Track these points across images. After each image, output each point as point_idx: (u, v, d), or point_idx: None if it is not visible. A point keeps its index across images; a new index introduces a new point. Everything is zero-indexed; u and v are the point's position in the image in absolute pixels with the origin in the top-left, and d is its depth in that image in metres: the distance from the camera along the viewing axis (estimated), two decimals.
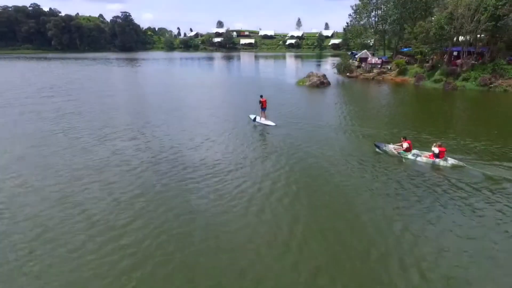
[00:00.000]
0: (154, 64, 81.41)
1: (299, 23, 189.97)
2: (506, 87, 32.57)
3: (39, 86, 37.09)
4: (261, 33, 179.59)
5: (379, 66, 46.75)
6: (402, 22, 45.16)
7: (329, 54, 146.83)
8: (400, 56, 46.94)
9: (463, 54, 35.54)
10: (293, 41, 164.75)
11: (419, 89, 36.62)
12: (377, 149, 15.02)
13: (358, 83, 42.51)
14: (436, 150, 13.31)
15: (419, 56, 42.45)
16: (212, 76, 55.38)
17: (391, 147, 14.67)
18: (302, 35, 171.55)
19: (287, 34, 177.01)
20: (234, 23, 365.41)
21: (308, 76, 39.48)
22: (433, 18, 36.37)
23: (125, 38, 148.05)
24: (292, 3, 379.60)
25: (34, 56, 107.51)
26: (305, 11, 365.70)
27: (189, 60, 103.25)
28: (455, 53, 38.37)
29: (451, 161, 13.29)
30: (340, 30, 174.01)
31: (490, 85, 33.16)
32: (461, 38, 36.02)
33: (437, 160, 13.32)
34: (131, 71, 61.82)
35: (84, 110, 24.94)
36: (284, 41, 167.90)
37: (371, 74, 46.12)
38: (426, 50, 40.16)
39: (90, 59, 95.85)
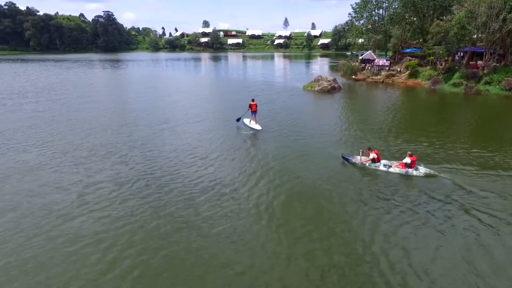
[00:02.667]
0: (139, 66, 76.54)
1: (286, 23, 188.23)
2: None
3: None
4: (249, 33, 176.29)
5: (387, 68, 43.99)
6: (411, 22, 42.51)
7: (318, 54, 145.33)
8: (409, 57, 44.23)
9: (485, 55, 33.05)
10: (281, 41, 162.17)
11: (438, 94, 33.94)
12: (345, 162, 14.27)
13: (368, 87, 39.59)
14: (408, 160, 12.93)
15: (432, 57, 39.87)
16: (202, 80, 51.05)
17: (359, 159, 13.93)
18: (290, 34, 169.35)
19: (275, 34, 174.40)
20: (219, 23, 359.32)
21: (317, 80, 36.20)
22: (452, 17, 33.64)
23: (108, 38, 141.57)
24: (277, 3, 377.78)
25: (11, 58, 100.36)
26: (292, 10, 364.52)
27: (176, 61, 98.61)
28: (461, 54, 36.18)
29: (423, 170, 12.98)
30: (327, 29, 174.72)
31: None
32: (482, 37, 33.63)
33: (410, 170, 12.94)
34: (114, 74, 56.79)
35: (51, 125, 20.81)
36: (272, 41, 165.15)
37: (379, 77, 43.30)
38: (441, 51, 37.56)
39: (71, 61, 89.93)
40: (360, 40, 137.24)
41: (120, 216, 10.11)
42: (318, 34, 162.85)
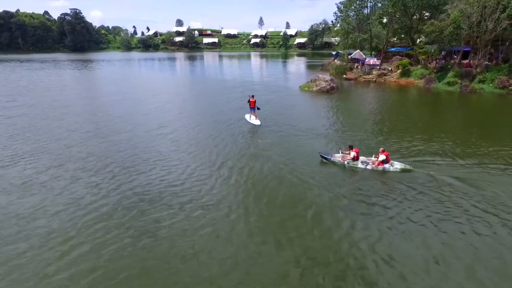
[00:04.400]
0: (114, 66, 72.47)
1: (261, 22, 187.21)
2: None
3: None
4: (224, 32, 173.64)
5: (378, 67, 44.07)
6: (400, 21, 42.77)
7: (295, 53, 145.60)
8: (399, 57, 44.58)
9: (479, 54, 33.67)
10: (257, 40, 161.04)
11: (434, 93, 34.21)
12: (323, 160, 14.33)
13: (363, 87, 39.31)
14: (383, 156, 13.21)
15: (423, 56, 40.33)
16: (183, 81, 48.47)
17: (338, 157, 14.15)
18: (266, 34, 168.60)
19: (251, 33, 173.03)
20: (191, 22, 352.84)
21: (314, 80, 35.37)
22: (446, 16, 33.93)
23: (76, 37, 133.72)
24: (250, 2, 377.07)
25: None
26: (265, 10, 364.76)
27: (149, 61, 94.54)
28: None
29: (397, 165, 13.36)
30: (301, 29, 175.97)
31: (510, 87, 31.53)
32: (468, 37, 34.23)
33: (386, 165, 13.29)
34: (84, 76, 52.67)
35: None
36: (249, 40, 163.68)
37: (370, 76, 43.29)
38: (433, 50, 38.00)
39: (36, 61, 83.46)
40: (336, 39, 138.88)
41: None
42: (294, 34, 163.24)
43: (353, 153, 13.76)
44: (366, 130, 19.92)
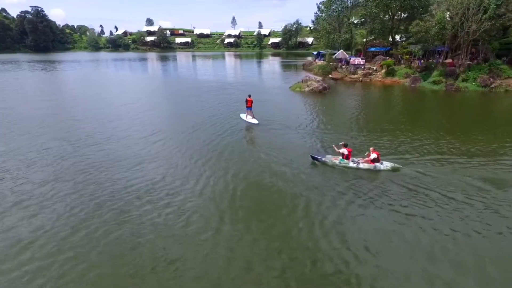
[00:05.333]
0: (82, 67, 68.42)
1: (234, 22, 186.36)
2: (507, 87, 32.70)
3: None
4: (197, 31, 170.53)
5: (362, 67, 44.72)
6: (382, 21, 43.63)
7: (270, 52, 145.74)
8: (382, 56, 45.53)
9: (462, 54, 34.97)
10: (231, 40, 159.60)
11: (421, 92, 35.13)
12: (315, 161, 14.27)
13: (352, 87, 39.57)
14: (374, 155, 13.40)
15: (407, 56, 41.41)
16: (160, 84, 45.86)
17: (329, 157, 14.15)
18: (240, 33, 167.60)
19: (224, 32, 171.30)
20: (160, 21, 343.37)
21: (305, 81, 35.13)
22: (429, 17, 34.91)
23: (38, 36, 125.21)
24: (221, 2, 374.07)
25: None
26: (235, 9, 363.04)
27: (119, 61, 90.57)
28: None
29: (387, 164, 13.57)
30: (273, 28, 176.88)
31: (491, 86, 32.98)
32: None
33: (378, 164, 13.46)
34: (46, 79, 49.18)
35: None
36: (222, 40, 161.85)
37: (356, 75, 43.82)
38: (416, 50, 39.08)
39: None
40: (310, 39, 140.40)
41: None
42: (267, 33, 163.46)
43: (345, 150, 13.65)
44: (363, 129, 20.04)
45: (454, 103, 30.36)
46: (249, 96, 21.29)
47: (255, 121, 20.92)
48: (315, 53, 62.51)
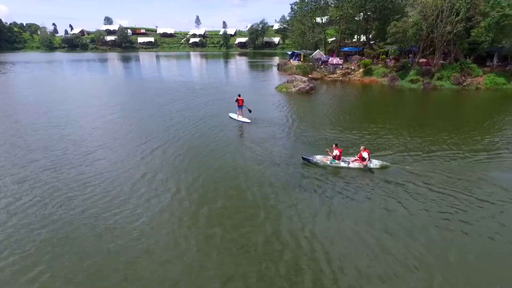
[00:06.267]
0: (36, 69, 63.29)
1: (198, 21, 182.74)
2: (477, 85, 35.03)
3: None
4: (160, 31, 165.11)
5: (341, 66, 45.71)
6: (358, 22, 44.87)
7: (236, 52, 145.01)
8: (359, 56, 46.87)
9: (436, 54, 36.88)
10: (196, 39, 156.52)
11: (400, 90, 36.54)
12: (306, 162, 14.35)
13: (334, 86, 40.11)
14: (365, 154, 13.67)
15: (383, 56, 42.97)
16: (130, 89, 42.33)
17: (320, 158, 14.30)
18: (205, 33, 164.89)
19: (189, 32, 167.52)
20: (116, 19, 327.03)
21: (291, 81, 35.08)
22: (405, 19, 36.40)
23: None
24: (181, 0, 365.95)
25: None
26: (197, 8, 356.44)
27: (77, 62, 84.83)
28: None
29: (376, 162, 13.92)
30: (239, 28, 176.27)
31: (463, 84, 35.15)
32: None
33: (368, 163, 13.76)
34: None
35: None
36: (187, 40, 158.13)
37: (335, 75, 44.68)
38: (393, 50, 40.67)
39: None
40: (277, 39, 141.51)
41: None
42: (233, 33, 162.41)
43: (337, 152, 13.89)
44: (353, 128, 20.30)
45: (433, 101, 31.92)
46: (239, 95, 21.81)
47: (246, 120, 21.46)
48: (289, 53, 62.83)
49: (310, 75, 46.09)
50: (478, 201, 11.23)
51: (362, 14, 43.22)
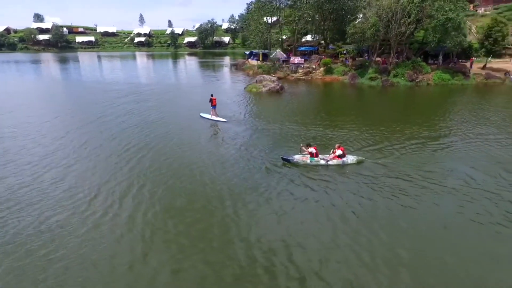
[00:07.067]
0: None
1: (142, 20, 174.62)
2: (427, 81, 38.41)
3: None
4: (100, 29, 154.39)
5: (302, 65, 46.85)
6: (316, 22, 46.33)
7: (186, 52, 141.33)
8: (318, 56, 48.46)
9: (392, 53, 39.59)
10: (142, 39, 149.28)
11: (360, 88, 38.61)
12: (286, 162, 14.39)
13: (300, 85, 40.94)
14: (339, 152, 14.15)
15: (343, 55, 44.98)
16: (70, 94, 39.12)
17: (299, 157, 14.40)
18: (150, 32, 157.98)
19: (132, 31, 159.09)
20: (46, 17, 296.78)
21: (260, 81, 35.03)
22: (363, 20, 38.50)
23: None
24: None
25: None
26: (140, 6, 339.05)
27: (3, 64, 75.93)
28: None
29: (352, 157, 14.49)
30: (187, 27, 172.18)
31: (416, 80, 38.29)
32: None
33: (345, 159, 14.27)
34: None
35: None
36: (132, 39, 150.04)
37: (297, 74, 45.69)
38: (350, 49, 42.80)
39: None
40: (227, 39, 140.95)
41: None
42: (181, 33, 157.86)
43: (312, 149, 14.19)
44: (327, 125, 20.94)
45: (393, 97, 34.33)
46: (212, 95, 22.22)
47: (221, 119, 21.80)
48: (247, 52, 62.73)
49: (273, 75, 46.59)
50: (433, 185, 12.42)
51: (318, 14, 44.65)
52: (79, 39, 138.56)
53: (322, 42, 55.35)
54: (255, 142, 17.48)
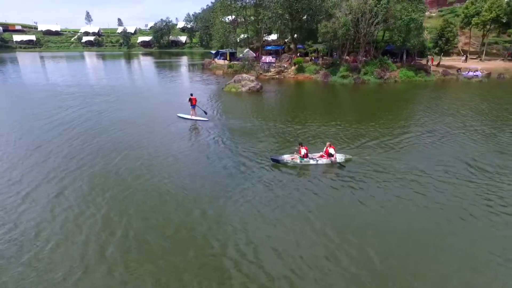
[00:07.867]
0: None
1: (89, 18, 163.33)
2: (395, 78, 40.56)
3: None
4: (41, 27, 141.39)
5: (273, 65, 46.89)
6: (286, 22, 46.48)
7: (140, 52, 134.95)
8: (288, 55, 48.85)
9: (361, 52, 41.13)
10: (91, 38, 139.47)
11: (333, 86, 39.59)
12: (275, 162, 14.17)
13: (274, 84, 40.81)
14: (332, 150, 14.14)
15: (313, 54, 45.77)
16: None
17: (288, 157, 14.35)
18: (99, 31, 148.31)
19: (79, 29, 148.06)
20: None
21: (238, 81, 34.30)
22: (334, 20, 39.45)
23: None
24: None
25: None
26: (86, 4, 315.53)
27: None
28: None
29: (341, 156, 14.52)
30: (140, 26, 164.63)
31: (384, 78, 40.25)
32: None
33: (333, 158, 14.16)
34: None
35: None
36: (79, 38, 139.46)
37: (270, 73, 45.65)
38: (321, 48, 43.72)
39: None
40: (184, 38, 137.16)
41: None
42: (133, 32, 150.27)
43: (303, 150, 14.06)
44: (312, 122, 21.22)
45: (365, 94, 35.65)
46: (191, 95, 22.16)
47: (203, 118, 21.68)
48: (213, 52, 61.32)
49: (245, 74, 46.05)
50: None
51: (288, 13, 44.93)
52: (17, 38, 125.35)
53: (287, 40, 56.02)
54: (242, 140, 17.28)
